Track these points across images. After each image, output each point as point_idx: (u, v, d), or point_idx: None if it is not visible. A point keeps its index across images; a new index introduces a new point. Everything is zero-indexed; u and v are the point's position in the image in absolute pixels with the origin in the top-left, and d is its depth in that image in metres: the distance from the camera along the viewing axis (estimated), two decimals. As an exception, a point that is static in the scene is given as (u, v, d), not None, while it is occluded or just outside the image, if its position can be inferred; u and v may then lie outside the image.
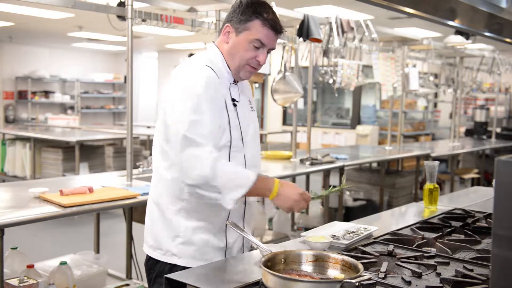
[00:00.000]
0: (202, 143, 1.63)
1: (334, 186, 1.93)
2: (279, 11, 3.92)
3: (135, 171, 3.41)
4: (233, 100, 1.78)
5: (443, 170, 7.69)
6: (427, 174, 2.50)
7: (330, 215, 4.69)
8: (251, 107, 1.90)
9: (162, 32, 8.37)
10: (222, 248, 1.80)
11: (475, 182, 7.64)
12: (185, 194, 1.74)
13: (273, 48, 1.80)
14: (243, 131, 1.79)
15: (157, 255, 1.81)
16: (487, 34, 2.25)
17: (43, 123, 9.99)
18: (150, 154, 5.67)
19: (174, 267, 1.76)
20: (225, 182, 1.63)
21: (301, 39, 4.12)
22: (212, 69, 1.73)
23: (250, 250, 1.90)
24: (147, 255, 1.86)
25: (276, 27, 1.74)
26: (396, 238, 1.93)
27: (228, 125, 1.73)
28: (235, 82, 1.82)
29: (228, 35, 1.77)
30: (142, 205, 2.86)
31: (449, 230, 2.05)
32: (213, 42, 1.86)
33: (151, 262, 1.84)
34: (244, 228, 1.80)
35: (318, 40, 4.15)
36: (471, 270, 1.57)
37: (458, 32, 6.19)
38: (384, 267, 1.56)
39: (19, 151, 6.44)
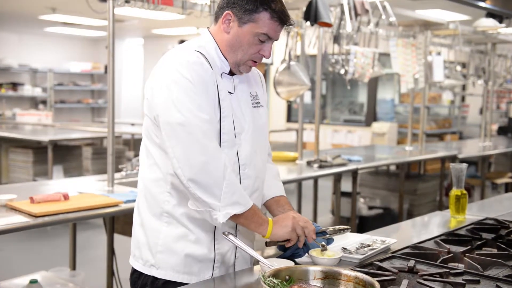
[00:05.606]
0: (206, 132, 1.66)
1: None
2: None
3: (117, 175, 3.41)
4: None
5: (472, 173, 7.69)
6: (454, 179, 2.51)
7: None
8: (257, 103, 1.92)
9: (148, 15, 8.37)
10: (210, 260, 1.79)
11: (509, 187, 7.64)
12: (167, 196, 1.77)
13: (277, 39, 1.84)
14: (236, 125, 1.80)
15: (138, 266, 1.83)
16: (523, 17, 2.24)
17: (11, 119, 9.97)
18: (135, 156, 5.69)
19: (156, 280, 1.78)
20: (229, 192, 1.65)
21: (308, 23, 4.11)
22: (204, 55, 1.75)
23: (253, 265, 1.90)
24: (132, 267, 1.88)
25: (284, 19, 1.78)
26: (417, 252, 1.93)
27: (219, 116, 1.75)
28: (231, 73, 1.84)
29: (229, 24, 1.78)
30: (125, 214, 2.87)
31: (479, 243, 2.06)
32: (208, 28, 1.87)
33: (135, 276, 1.85)
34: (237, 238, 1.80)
35: (328, 25, 4.15)
36: (505, 289, 1.57)
37: (490, 14, 6.18)
38: (404, 285, 1.56)
39: (-17, 152, 6.45)
